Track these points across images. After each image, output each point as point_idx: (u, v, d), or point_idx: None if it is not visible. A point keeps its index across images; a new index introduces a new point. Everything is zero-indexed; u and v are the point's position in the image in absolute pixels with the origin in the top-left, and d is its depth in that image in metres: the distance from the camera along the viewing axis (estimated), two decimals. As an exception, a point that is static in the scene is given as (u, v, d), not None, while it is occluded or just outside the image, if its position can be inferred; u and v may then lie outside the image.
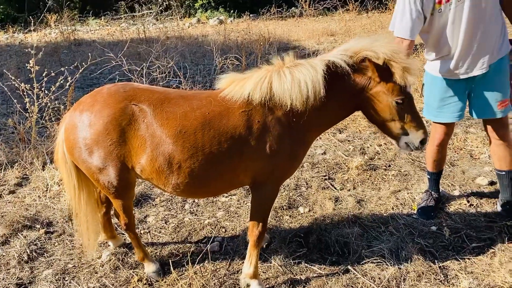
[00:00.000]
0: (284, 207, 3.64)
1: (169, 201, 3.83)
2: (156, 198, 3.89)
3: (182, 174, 2.40)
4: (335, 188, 3.92)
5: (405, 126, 2.42)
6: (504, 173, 3.21)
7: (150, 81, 6.05)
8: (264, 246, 3.12)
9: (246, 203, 3.73)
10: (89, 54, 5.89)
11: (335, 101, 2.43)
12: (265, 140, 2.40)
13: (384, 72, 2.29)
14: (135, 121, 2.40)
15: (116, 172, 2.47)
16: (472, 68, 2.88)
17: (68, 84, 4.74)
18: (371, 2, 13.29)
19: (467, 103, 3.10)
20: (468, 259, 2.88)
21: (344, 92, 2.42)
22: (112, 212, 3.19)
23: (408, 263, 2.85)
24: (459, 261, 2.87)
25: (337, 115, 2.57)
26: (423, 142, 2.45)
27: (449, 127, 3.19)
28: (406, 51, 2.74)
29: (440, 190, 3.56)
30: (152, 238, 3.35)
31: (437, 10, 2.77)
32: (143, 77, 5.51)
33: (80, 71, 4.89)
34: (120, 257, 3.10)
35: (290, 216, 3.53)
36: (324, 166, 4.36)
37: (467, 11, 2.71)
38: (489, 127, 3.11)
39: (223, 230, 3.40)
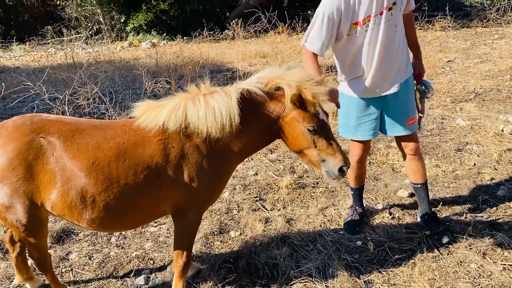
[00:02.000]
0: (215, 233, 3.59)
1: (94, 235, 3.65)
2: (80, 233, 3.69)
3: (96, 208, 2.29)
4: (266, 209, 3.93)
5: (321, 154, 2.40)
6: (419, 185, 3.38)
7: (74, 109, 5.82)
8: (193, 275, 3.04)
9: (175, 231, 3.63)
10: (9, 81, 5.56)
11: (253, 128, 2.45)
12: (183, 168, 2.37)
13: (296, 99, 2.32)
14: (43, 155, 2.27)
15: (24, 210, 2.31)
16: (386, 88, 3.03)
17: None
18: (299, 24, 13.75)
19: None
20: (391, 271, 2.98)
21: (260, 119, 2.44)
22: (27, 252, 2.97)
23: (334, 280, 2.89)
24: (383, 273, 2.96)
25: (256, 142, 2.57)
26: (341, 170, 2.40)
27: (366, 144, 3.33)
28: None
29: (364, 205, 3.68)
30: (74, 276, 3.15)
31: (354, 30, 2.87)
32: (65, 105, 5.27)
33: (-6, 101, 4.59)
34: (37, 300, 2.89)
35: (221, 241, 3.48)
36: (255, 187, 4.38)
37: (382, 34, 2.84)
38: (402, 143, 3.27)
39: (151, 262, 3.28)
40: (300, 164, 4.83)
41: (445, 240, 3.20)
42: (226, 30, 16.12)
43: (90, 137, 2.34)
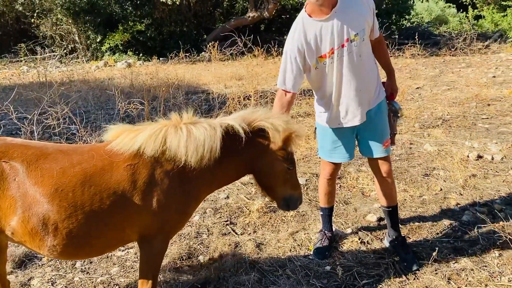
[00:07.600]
0: (184, 257, 3.54)
1: (58, 260, 3.54)
2: (43, 257, 3.57)
3: (59, 235, 2.23)
4: (236, 233, 3.91)
5: (288, 189, 2.67)
6: (390, 208, 3.42)
7: (44, 129, 5.71)
8: (160, 301, 2.98)
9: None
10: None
11: (230, 163, 2.52)
12: (152, 194, 2.34)
13: (285, 141, 2.49)
14: (4, 180, 2.21)
15: None
16: (354, 119, 3.07)
17: None
18: (275, 48, 13.99)
19: (356, 143, 3.32)
20: (359, 296, 2.99)
21: (239, 155, 2.52)
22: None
23: (302, 306, 2.89)
24: (350, 299, 2.97)
25: (229, 176, 2.68)
26: (300, 202, 2.80)
27: (338, 164, 3.39)
28: (290, 102, 2.99)
29: (334, 229, 3.71)
30: (35, 303, 3.04)
31: (321, 63, 2.94)
32: (33, 125, 5.17)
33: (-41, 120, 4.46)
34: (-6, 329, 2.76)
35: (189, 266, 3.43)
36: (226, 211, 4.36)
37: (345, 65, 2.91)
38: (375, 165, 3.30)
39: (117, 287, 3.20)
40: (271, 187, 4.83)
41: (414, 267, 3.21)
42: (203, 52, 16.21)
43: (55, 162, 2.30)
